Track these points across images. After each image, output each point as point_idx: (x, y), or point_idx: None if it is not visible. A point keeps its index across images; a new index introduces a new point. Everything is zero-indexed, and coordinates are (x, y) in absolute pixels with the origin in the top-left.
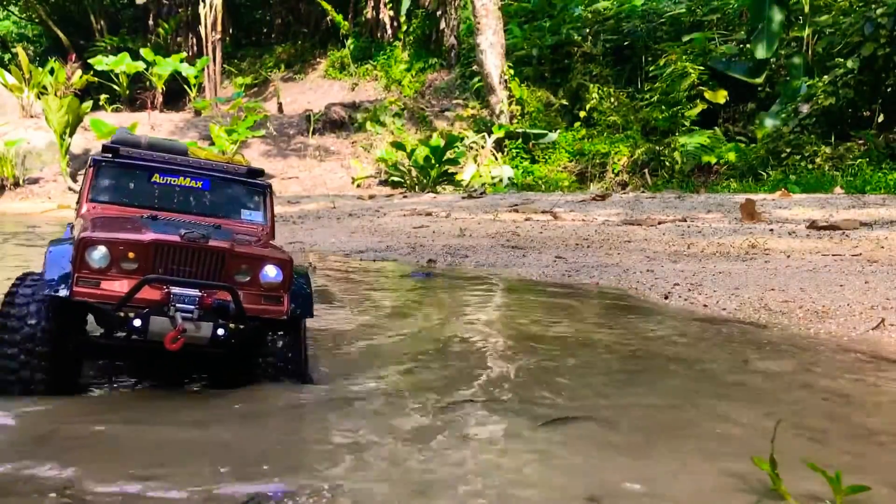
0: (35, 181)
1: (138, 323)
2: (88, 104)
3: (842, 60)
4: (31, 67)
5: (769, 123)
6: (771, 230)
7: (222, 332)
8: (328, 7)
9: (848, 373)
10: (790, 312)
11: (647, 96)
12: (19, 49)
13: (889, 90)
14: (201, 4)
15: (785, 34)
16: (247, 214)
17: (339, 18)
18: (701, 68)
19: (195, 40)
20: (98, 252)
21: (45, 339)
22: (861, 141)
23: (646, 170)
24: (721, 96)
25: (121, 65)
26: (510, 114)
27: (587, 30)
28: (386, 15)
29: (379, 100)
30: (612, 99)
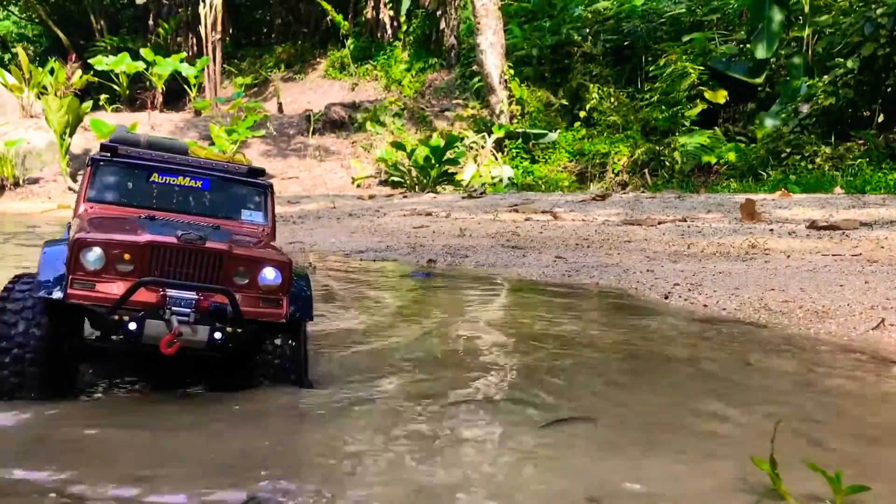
0: (35, 181)
1: (133, 326)
2: (88, 104)
3: (842, 60)
4: (31, 67)
5: (769, 123)
6: (771, 230)
7: (219, 336)
8: (328, 7)
9: (848, 373)
10: (790, 312)
11: (647, 96)
12: (19, 49)
13: (889, 90)
14: (201, 4)
15: (785, 34)
16: (247, 215)
17: (339, 18)
18: (701, 68)
19: (195, 40)
20: (93, 253)
21: (39, 342)
22: (861, 141)
23: (646, 170)
24: (721, 96)
25: (121, 65)
26: (510, 114)
27: (587, 30)
28: (386, 15)
29: (379, 100)
30: (612, 99)
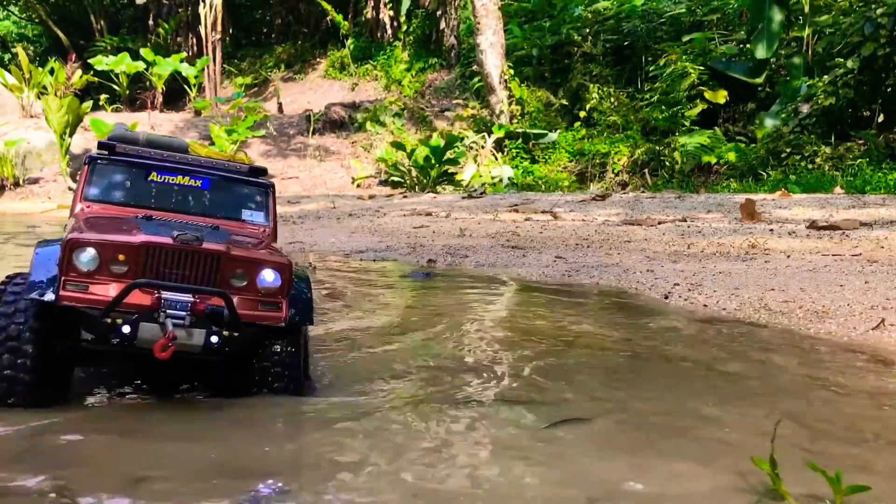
0: (35, 181)
1: (127, 330)
2: (88, 104)
3: (842, 60)
4: (31, 67)
5: (769, 123)
6: (771, 230)
7: (216, 340)
8: (328, 7)
9: (848, 373)
10: (790, 312)
11: (647, 96)
12: (19, 49)
13: (889, 90)
14: (201, 4)
15: (785, 34)
16: (248, 215)
17: (339, 18)
18: (701, 68)
19: (195, 40)
20: (86, 254)
21: (31, 345)
22: (861, 141)
23: (646, 170)
24: (721, 96)
25: (121, 65)
26: (510, 114)
27: (587, 30)
28: (386, 15)
29: (379, 100)
30: (612, 99)
